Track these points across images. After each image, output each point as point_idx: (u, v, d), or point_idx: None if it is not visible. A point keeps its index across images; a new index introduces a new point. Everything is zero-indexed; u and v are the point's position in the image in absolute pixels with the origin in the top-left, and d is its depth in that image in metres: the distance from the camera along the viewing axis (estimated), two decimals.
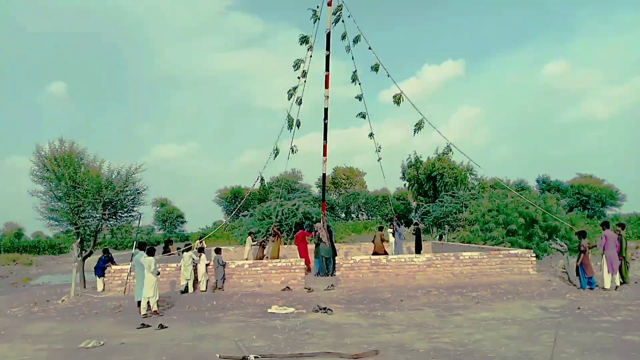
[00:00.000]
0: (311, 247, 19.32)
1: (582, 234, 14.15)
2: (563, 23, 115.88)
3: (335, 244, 19.34)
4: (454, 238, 27.43)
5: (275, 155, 16.24)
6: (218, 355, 7.96)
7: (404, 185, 54.66)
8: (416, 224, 23.99)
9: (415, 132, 15.79)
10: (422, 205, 42.21)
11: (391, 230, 21.23)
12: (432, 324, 10.23)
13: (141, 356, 8.36)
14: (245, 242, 24.26)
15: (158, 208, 66.95)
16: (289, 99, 15.57)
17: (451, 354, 7.79)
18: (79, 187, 17.38)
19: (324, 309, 12.04)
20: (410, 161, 51.30)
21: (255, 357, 7.71)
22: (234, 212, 36.68)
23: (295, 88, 15.52)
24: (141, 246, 13.07)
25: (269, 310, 12.31)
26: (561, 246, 15.23)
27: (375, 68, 15.35)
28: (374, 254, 18.58)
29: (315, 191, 57.14)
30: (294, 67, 15.14)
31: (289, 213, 29.96)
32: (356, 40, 15.22)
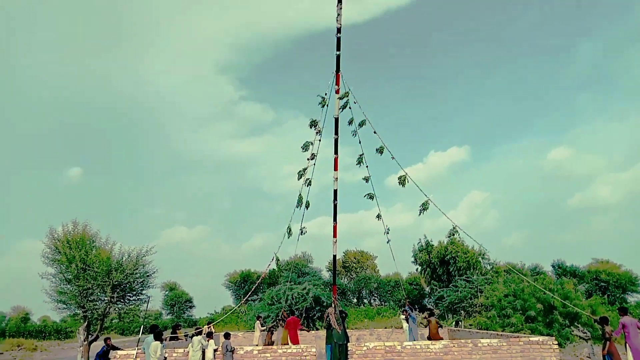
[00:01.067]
0: (322, 332, 18.64)
1: (604, 321, 13.57)
2: (564, 110, 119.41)
3: (347, 330, 18.66)
4: (470, 324, 26.37)
5: (289, 235, 16.18)
6: None
7: (416, 269, 53.73)
8: (429, 309, 23.26)
9: (420, 212, 15.80)
10: (436, 290, 41.13)
11: (404, 316, 20.54)
12: None
13: None
14: (254, 327, 23.54)
15: (167, 292, 65.87)
16: (298, 179, 15.83)
17: None
18: (89, 270, 17.33)
19: None
20: (421, 245, 50.77)
21: None
22: (245, 298, 35.94)
23: (305, 169, 15.83)
24: (152, 329, 12.76)
25: None
26: (584, 333, 14.57)
27: (380, 151, 15.71)
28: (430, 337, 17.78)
29: (326, 275, 56.20)
30: (302, 149, 15.54)
31: (299, 297, 29.26)
32: (362, 124, 15.73)
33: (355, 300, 60.76)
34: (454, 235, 16.09)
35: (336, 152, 15.71)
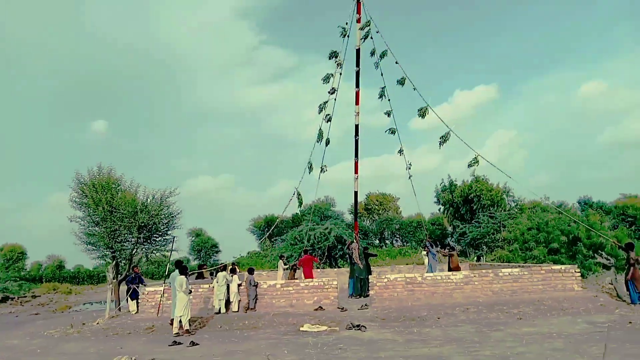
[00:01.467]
0: (344, 269, 18.96)
1: (629, 246, 13.36)
2: (598, 42, 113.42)
3: (370, 265, 18.94)
4: (492, 259, 26.49)
5: (310, 170, 16.14)
6: None
7: (439, 209, 53.59)
8: (449, 245, 23.32)
9: (440, 144, 15.59)
10: (459, 227, 41.15)
11: (425, 252, 20.65)
12: (472, 339, 9.74)
13: None
14: (277, 266, 24.11)
15: (193, 238, 67.67)
16: (319, 113, 15.62)
17: None
18: (115, 212, 17.75)
19: (358, 326, 11.70)
20: (445, 185, 50.37)
21: None
22: (264, 238, 36.54)
23: (325, 103, 15.56)
24: (176, 265, 13.11)
25: (301, 329, 12.04)
26: (608, 261, 14.43)
27: (402, 82, 15.28)
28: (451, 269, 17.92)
29: (348, 218, 56.63)
30: (323, 81, 15.21)
31: (321, 237, 29.72)
32: (383, 55, 15.24)
33: (377, 241, 61.47)
34: (475, 164, 15.78)
35: (357, 85, 15.37)
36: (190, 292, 12.53)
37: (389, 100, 15.98)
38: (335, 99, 15.52)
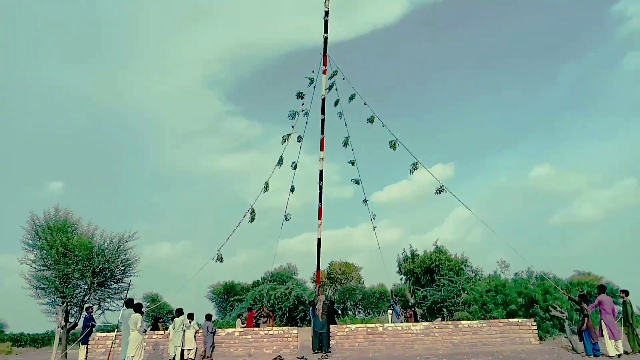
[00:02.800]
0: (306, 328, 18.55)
1: (583, 298, 13.76)
2: (547, 127, 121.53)
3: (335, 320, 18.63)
4: (453, 321, 26.34)
5: (266, 190, 16.28)
6: None
7: (401, 279, 53.63)
8: (412, 305, 23.35)
9: (411, 172, 16.22)
10: (420, 290, 41.19)
11: (391, 310, 20.57)
12: None
13: None
14: (235, 325, 23.30)
15: (148, 304, 64.70)
16: (282, 143, 16.04)
17: None
18: (69, 254, 17.13)
19: None
20: (406, 255, 50.84)
21: None
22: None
23: (289, 135, 16.06)
24: (128, 303, 12.63)
25: None
26: (561, 313, 14.77)
27: (371, 120, 16.06)
28: None
29: (311, 287, 55.77)
30: (289, 117, 15.81)
31: (282, 297, 29.08)
32: (352, 98, 16.06)
33: (339, 312, 60.28)
34: (440, 192, 16.25)
35: (322, 132, 16.08)
36: (145, 331, 12.03)
37: (352, 150, 16.62)
38: (300, 145, 16.12)
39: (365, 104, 16.00)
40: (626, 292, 14.11)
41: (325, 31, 15.70)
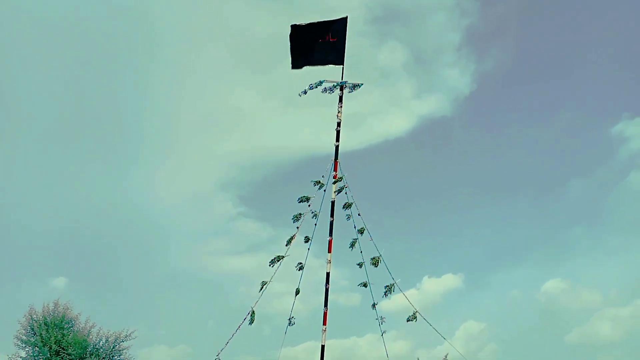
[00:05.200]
0: None
1: None
2: (557, 242, 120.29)
3: None
4: None
5: (262, 289, 15.73)
6: None
7: None
8: None
9: (385, 294, 15.88)
10: None
11: None
12: None
13: None
14: None
15: None
16: (286, 245, 15.89)
17: None
18: (62, 353, 16.52)
19: None
20: None
21: None
22: None
23: (292, 237, 15.95)
24: None
25: None
26: None
27: (361, 231, 16.12)
28: None
29: None
30: (293, 220, 15.91)
31: None
32: (348, 206, 16.24)
33: None
34: (412, 320, 15.90)
35: (331, 234, 16.05)
36: None
37: (361, 252, 16.42)
38: (308, 248, 15.99)
39: (359, 214, 16.26)
40: None
41: (337, 140, 16.51)
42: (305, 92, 17.67)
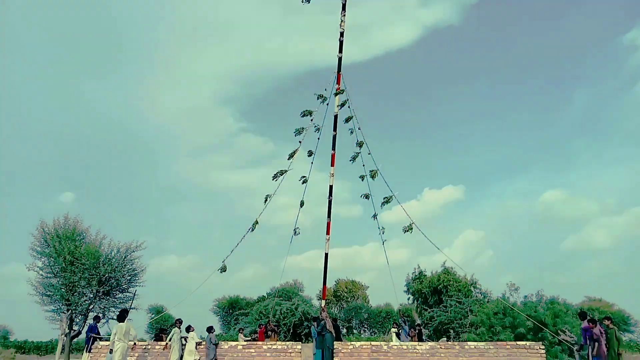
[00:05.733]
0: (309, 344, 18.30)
1: (593, 322, 13.44)
2: (559, 153, 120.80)
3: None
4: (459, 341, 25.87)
5: (266, 202, 16.35)
6: None
7: (408, 299, 53.13)
8: (418, 325, 23.01)
9: (382, 205, 16.46)
10: (427, 311, 40.70)
11: (395, 329, 20.30)
12: None
13: None
14: (237, 339, 23.10)
15: (153, 315, 64.59)
16: (288, 159, 16.13)
17: None
18: (76, 263, 17.21)
19: None
20: (415, 274, 50.44)
21: None
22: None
23: (295, 151, 16.12)
24: (122, 313, 12.73)
25: None
26: (571, 337, 14.47)
27: (360, 144, 16.28)
28: None
29: (316, 304, 55.42)
30: (295, 133, 16.00)
31: (288, 312, 28.86)
32: (347, 120, 16.24)
33: (344, 330, 59.71)
34: (408, 231, 16.56)
35: (334, 148, 16.20)
36: (111, 351, 11.91)
37: (363, 165, 16.59)
38: (313, 161, 16.17)
39: (359, 128, 16.24)
40: (610, 319, 13.76)
41: (340, 51, 15.96)
42: (309, 0, 16.82)
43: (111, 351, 11.77)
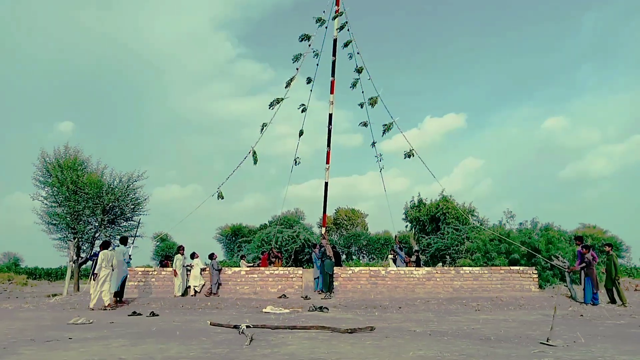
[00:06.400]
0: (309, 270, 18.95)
1: (587, 247, 13.85)
2: (564, 80, 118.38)
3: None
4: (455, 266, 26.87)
5: (262, 130, 16.42)
6: (209, 322, 7.74)
7: (406, 226, 54.28)
8: (416, 251, 23.70)
9: (383, 133, 16.47)
10: (424, 238, 41.86)
11: (392, 255, 20.88)
12: (431, 320, 9.95)
13: (130, 329, 8.14)
14: (239, 265, 23.89)
15: (158, 243, 66.38)
16: (285, 87, 15.91)
17: (449, 333, 7.56)
18: (80, 192, 17.41)
19: (320, 307, 11.77)
20: (414, 203, 51.14)
21: (247, 326, 7.49)
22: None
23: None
24: (122, 241, 13.22)
25: (264, 310, 12.01)
26: (563, 262, 14.96)
27: (359, 70, 15.96)
28: None
29: (317, 231, 56.73)
30: (292, 60, 15.69)
31: (289, 240, 29.67)
32: (346, 44, 15.83)
33: (344, 256, 61.61)
34: (409, 156, 16.67)
35: (333, 74, 15.91)
36: (95, 276, 12.36)
37: (362, 92, 16.36)
38: (310, 92, 15.90)
39: (358, 53, 15.80)
40: (610, 245, 14.17)
41: None
42: None
43: (95, 276, 12.22)
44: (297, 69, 15.70)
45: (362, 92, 16.18)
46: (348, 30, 15.37)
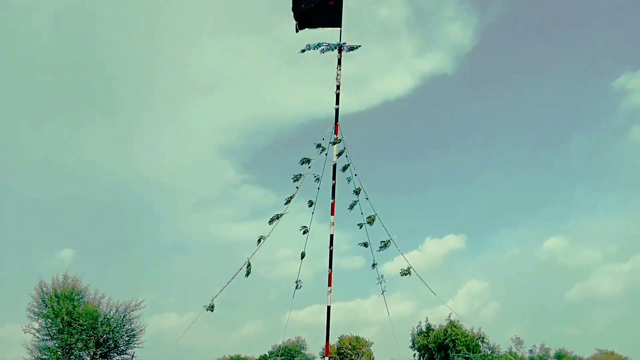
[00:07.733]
0: None
1: None
2: (561, 199, 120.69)
3: None
4: None
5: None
6: None
7: (414, 355, 51.52)
8: None
9: (380, 249, 16.04)
10: None
11: None
12: None
13: None
14: None
15: None
16: (284, 204, 15.90)
17: None
18: (74, 323, 16.86)
19: None
20: (421, 328, 49.13)
21: None
22: None
23: (292, 196, 15.94)
24: None
25: None
26: None
27: (357, 191, 16.16)
28: None
29: None
30: (293, 179, 15.94)
31: None
32: (345, 168, 16.28)
33: None
34: (407, 274, 16.09)
35: (333, 197, 16.14)
36: None
37: (361, 213, 16.40)
38: (312, 212, 15.99)
39: (355, 174, 16.25)
40: None
41: (337, 103, 16.35)
42: (303, 51, 17.50)
43: None
44: (297, 187, 16.06)
45: (362, 212, 16.30)
46: (346, 155, 16.01)
